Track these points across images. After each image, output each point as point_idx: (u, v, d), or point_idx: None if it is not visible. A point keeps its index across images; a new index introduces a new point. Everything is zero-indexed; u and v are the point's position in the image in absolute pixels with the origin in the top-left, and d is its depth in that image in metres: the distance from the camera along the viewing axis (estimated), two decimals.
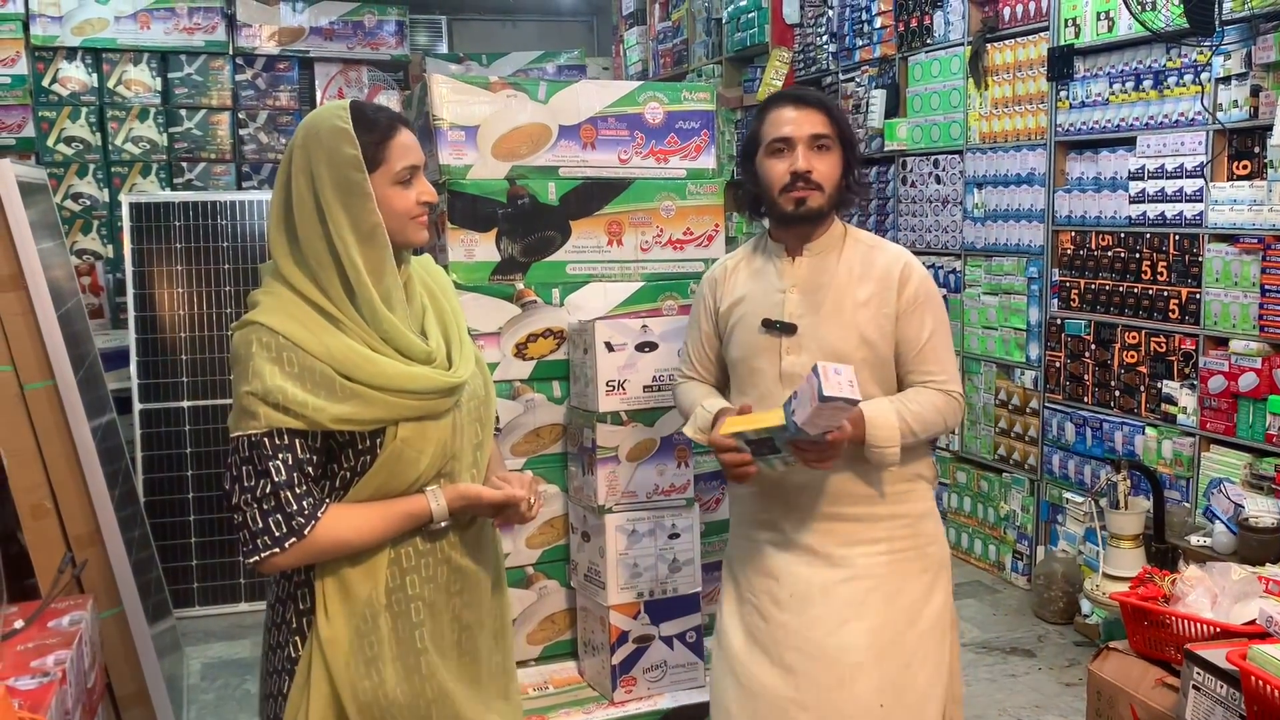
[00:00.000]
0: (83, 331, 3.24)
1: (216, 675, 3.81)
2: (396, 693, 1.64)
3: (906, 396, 2.04)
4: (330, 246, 1.58)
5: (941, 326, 2.08)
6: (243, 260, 4.42)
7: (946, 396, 2.05)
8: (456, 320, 1.77)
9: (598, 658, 2.82)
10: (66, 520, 2.64)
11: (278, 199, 1.63)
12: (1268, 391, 3.38)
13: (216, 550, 4.34)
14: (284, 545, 1.55)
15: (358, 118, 1.60)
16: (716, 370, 2.27)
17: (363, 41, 6.87)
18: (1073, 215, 4.21)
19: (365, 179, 1.58)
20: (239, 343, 1.58)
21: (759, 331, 2.08)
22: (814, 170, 2.01)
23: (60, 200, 6.21)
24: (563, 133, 2.91)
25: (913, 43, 5.05)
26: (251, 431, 1.55)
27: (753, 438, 1.90)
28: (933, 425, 2.03)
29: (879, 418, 1.97)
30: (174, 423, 4.31)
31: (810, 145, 2.02)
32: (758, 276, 2.14)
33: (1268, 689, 1.80)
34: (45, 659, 2.05)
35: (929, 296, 2.07)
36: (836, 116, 2.06)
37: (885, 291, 2.04)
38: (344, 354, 1.57)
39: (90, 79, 6.37)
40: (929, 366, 2.05)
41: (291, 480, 1.55)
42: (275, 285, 1.62)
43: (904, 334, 2.05)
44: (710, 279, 2.24)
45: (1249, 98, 3.45)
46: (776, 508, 2.10)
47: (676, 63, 7.62)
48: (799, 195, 2.02)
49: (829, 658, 2.01)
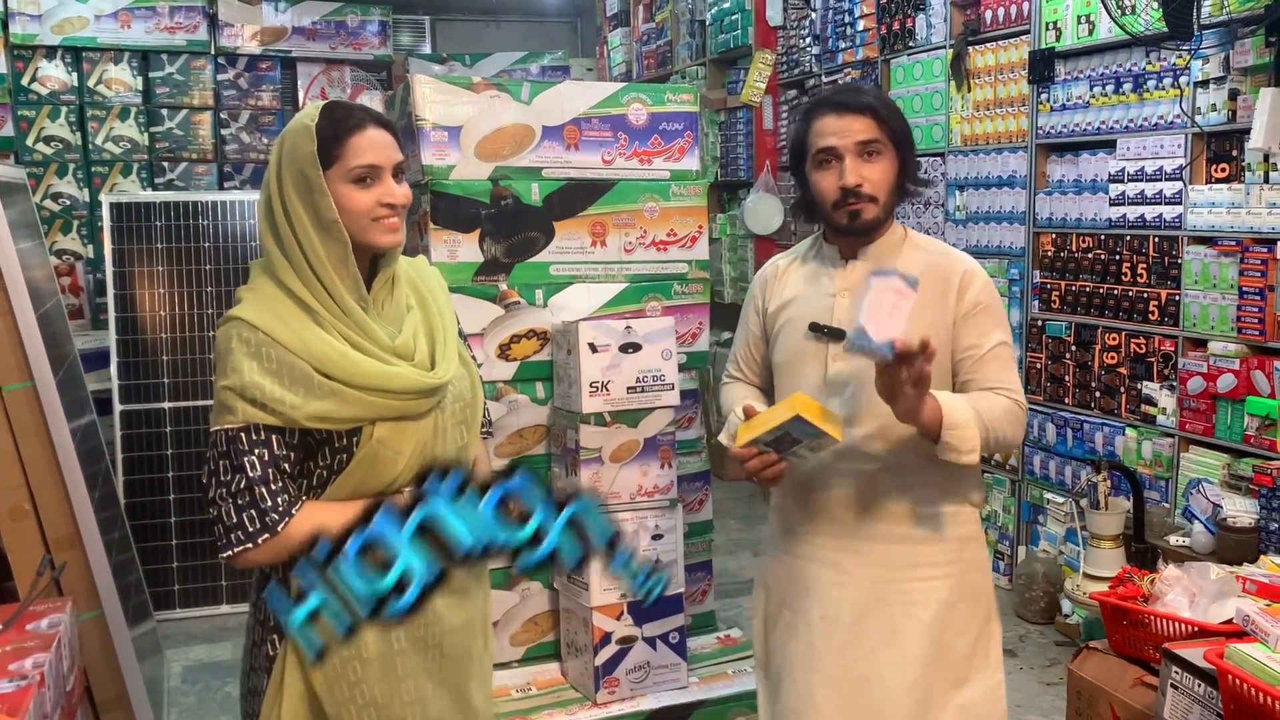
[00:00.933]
0: (62, 332, 3.22)
1: (198, 678, 3.78)
2: (374, 692, 1.64)
3: (974, 395, 1.89)
4: (298, 241, 1.60)
5: (1006, 338, 1.95)
6: (224, 261, 4.40)
7: (1011, 401, 1.90)
8: (445, 322, 1.77)
9: (581, 659, 2.82)
10: (45, 522, 2.62)
11: (263, 200, 1.65)
12: (1246, 392, 3.41)
13: (197, 552, 4.32)
14: (257, 541, 1.55)
15: (326, 115, 1.61)
16: (763, 372, 2.15)
17: (345, 41, 6.85)
18: (1053, 217, 4.24)
19: (318, 174, 1.58)
20: (221, 338, 1.60)
21: (805, 336, 1.98)
22: (864, 182, 1.89)
23: (39, 200, 6.16)
24: (546, 133, 2.91)
25: (895, 45, 5.07)
26: (228, 426, 1.55)
27: (768, 439, 1.80)
28: (1002, 430, 1.88)
29: (952, 402, 1.82)
30: (155, 424, 4.28)
31: (858, 154, 1.90)
32: (810, 279, 2.04)
33: (1245, 688, 1.82)
34: (23, 662, 2.03)
35: (991, 305, 1.95)
36: (885, 116, 1.92)
37: (943, 298, 1.93)
38: (322, 351, 1.57)
39: (70, 78, 6.32)
40: (992, 374, 1.92)
41: (266, 476, 1.56)
42: (260, 280, 1.64)
43: (963, 341, 1.92)
44: (761, 278, 2.14)
45: (1227, 101, 3.48)
46: (814, 523, 2.00)
47: (660, 64, 7.63)
48: (851, 209, 1.91)
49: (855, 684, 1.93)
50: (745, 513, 5.64)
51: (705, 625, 3.21)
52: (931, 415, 1.78)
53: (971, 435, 1.81)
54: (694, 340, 3.08)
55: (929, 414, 1.77)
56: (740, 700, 2.84)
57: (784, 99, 6.24)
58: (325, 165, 1.59)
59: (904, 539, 1.95)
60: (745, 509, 5.70)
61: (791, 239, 6.16)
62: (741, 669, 2.98)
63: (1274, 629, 1.94)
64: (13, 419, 2.58)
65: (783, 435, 1.78)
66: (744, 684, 2.87)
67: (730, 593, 4.32)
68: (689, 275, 3.07)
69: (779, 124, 6.29)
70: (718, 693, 2.86)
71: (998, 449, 1.94)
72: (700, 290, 3.08)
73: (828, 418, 1.77)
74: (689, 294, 3.06)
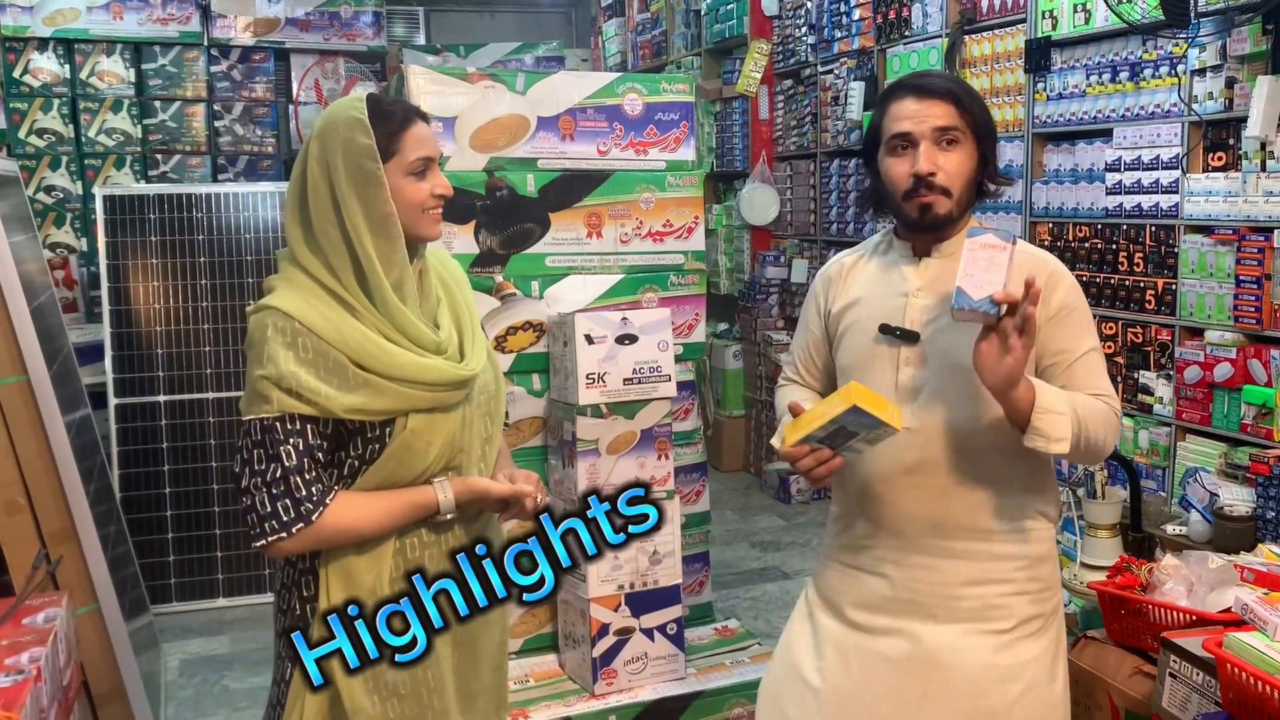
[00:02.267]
0: (56, 326, 3.20)
1: (195, 671, 3.78)
2: (396, 679, 1.65)
3: (1072, 393, 1.74)
4: (345, 235, 1.59)
5: (1097, 344, 1.81)
6: (219, 254, 4.38)
7: (1108, 407, 1.75)
8: (470, 313, 1.78)
9: (578, 650, 2.81)
10: (41, 516, 2.62)
11: (294, 189, 1.65)
12: (1242, 381, 3.41)
13: (194, 546, 4.31)
14: (291, 530, 1.56)
15: (374, 109, 1.62)
16: (823, 377, 2.00)
17: (339, 32, 6.81)
18: (1050, 206, 4.23)
19: (379, 168, 1.59)
20: (254, 327, 1.60)
21: (874, 338, 1.82)
22: (939, 171, 1.76)
23: (32, 193, 6.13)
24: (541, 124, 2.90)
25: (891, 34, 5.05)
26: (264, 415, 1.56)
27: (821, 435, 1.67)
28: (1095, 432, 1.72)
29: (1046, 386, 1.69)
30: (150, 417, 4.27)
31: (936, 141, 1.76)
32: (879, 277, 1.89)
33: (1243, 676, 1.82)
34: (20, 656, 2.03)
35: (1079, 309, 1.80)
36: (967, 104, 1.78)
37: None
38: (358, 341, 1.58)
39: (62, 70, 6.29)
40: (1085, 379, 1.77)
41: (302, 465, 1.56)
42: (291, 271, 1.63)
43: (1051, 346, 1.77)
44: (824, 276, 1.98)
45: (1224, 89, 3.47)
46: (881, 535, 1.86)
47: (655, 54, 7.61)
48: (923, 201, 1.77)
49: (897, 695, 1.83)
50: (742, 504, 5.64)
51: (703, 616, 3.22)
52: (1026, 392, 1.65)
53: (1064, 423, 1.66)
54: (690, 331, 3.07)
55: (1024, 390, 1.65)
56: (738, 691, 2.84)
57: (779, 89, 6.22)
58: (384, 159, 1.60)
59: (975, 555, 1.81)
60: (742, 500, 5.70)
61: (787, 230, 6.15)
62: (739, 660, 2.98)
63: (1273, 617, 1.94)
64: (7, 413, 2.57)
65: (837, 430, 1.66)
66: (742, 675, 2.88)
67: (728, 584, 4.33)
68: (685, 266, 3.06)
69: (774, 114, 6.27)
70: (715, 684, 2.86)
71: (1088, 452, 1.76)
72: (697, 281, 3.08)
73: (886, 407, 1.65)
74: (685, 285, 3.05)
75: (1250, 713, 1.81)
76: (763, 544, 4.96)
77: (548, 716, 2.68)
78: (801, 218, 6.00)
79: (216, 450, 4.32)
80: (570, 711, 2.70)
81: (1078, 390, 1.76)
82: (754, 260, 6.28)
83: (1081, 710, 2.35)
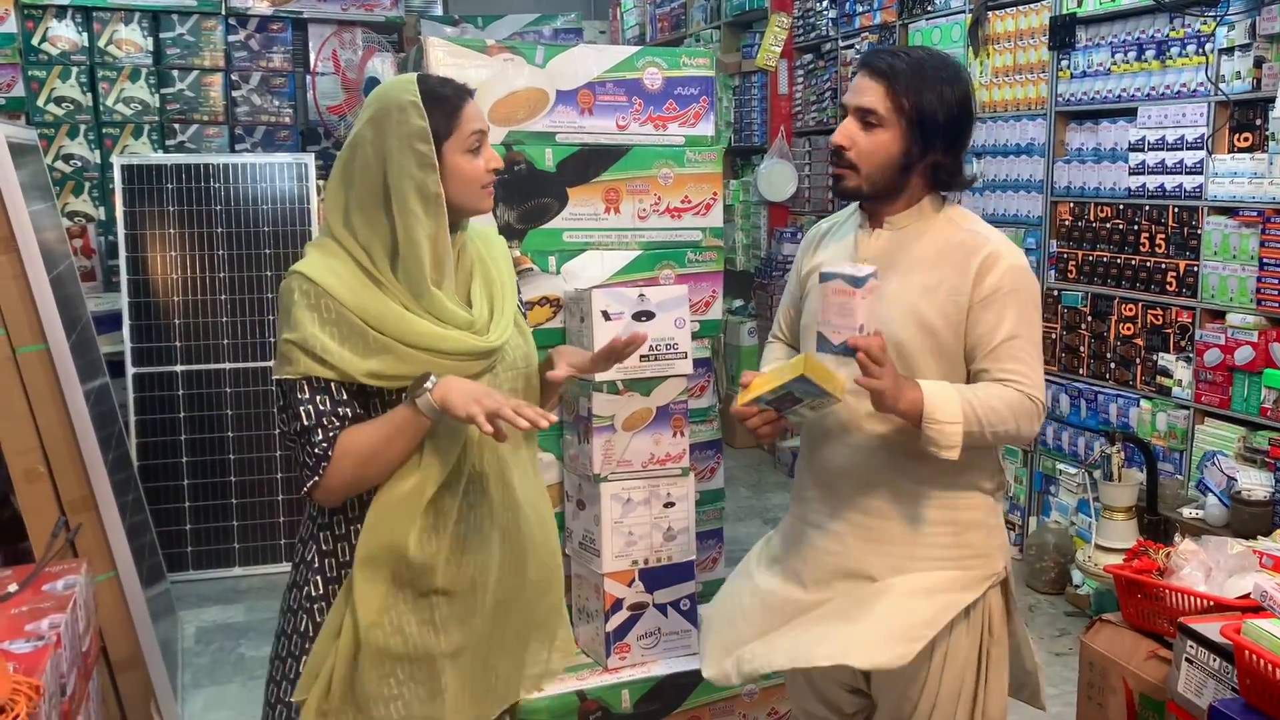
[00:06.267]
0: (75, 294, 3.21)
1: (211, 639, 3.82)
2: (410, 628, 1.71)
3: (972, 385, 1.84)
4: (388, 216, 1.62)
5: (1028, 329, 1.85)
6: (236, 224, 4.38)
7: (1020, 395, 1.81)
8: (504, 289, 1.80)
9: (592, 625, 2.83)
10: (60, 484, 2.63)
11: (341, 166, 1.68)
12: (1264, 365, 3.38)
13: (211, 514, 4.34)
14: (319, 472, 1.62)
15: (426, 90, 1.64)
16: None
17: (357, 3, 6.77)
18: (1071, 186, 4.19)
19: (432, 150, 1.61)
20: (283, 290, 1.66)
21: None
22: (851, 148, 1.84)
23: (51, 161, 6.13)
24: (560, 98, 2.87)
25: (913, 9, 4.99)
26: (287, 376, 1.63)
27: (770, 398, 1.81)
28: (1000, 421, 1.79)
29: (939, 393, 1.76)
30: (167, 387, 4.29)
31: (859, 118, 1.84)
32: (840, 244, 2.00)
33: (1261, 663, 1.81)
34: (40, 623, 2.05)
35: (1013, 293, 1.84)
36: (904, 89, 1.81)
37: (959, 279, 1.84)
38: (378, 309, 1.62)
39: (80, 38, 6.27)
40: (1004, 364, 1.83)
41: (321, 423, 1.62)
42: (326, 240, 1.69)
43: (976, 328, 1.84)
44: (807, 239, 2.14)
45: (1252, 69, 3.42)
46: (817, 489, 2.00)
47: (674, 27, 7.55)
48: (835, 172, 1.88)
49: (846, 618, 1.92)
50: (755, 480, 5.65)
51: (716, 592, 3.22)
52: (911, 407, 1.74)
53: (953, 431, 1.74)
54: (707, 309, 3.06)
55: (908, 405, 1.74)
56: None
57: (799, 63, 6.17)
58: (442, 138, 1.62)
59: (901, 518, 1.90)
60: (755, 477, 5.71)
61: (805, 206, 6.11)
62: None
63: None
64: (27, 381, 2.59)
65: (785, 394, 1.80)
66: None
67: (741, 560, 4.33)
68: (703, 243, 3.04)
69: (794, 89, 6.22)
70: None
71: (999, 444, 1.87)
72: (714, 258, 3.06)
73: (832, 379, 1.76)
74: (703, 261, 3.04)
75: (1268, 700, 1.80)
76: (775, 521, 4.94)
77: (561, 689, 2.69)
78: (820, 194, 5.96)
79: (233, 420, 4.34)
80: (583, 685, 2.72)
81: (997, 373, 1.83)
82: (770, 236, 6.25)
83: (1095, 693, 2.35)
